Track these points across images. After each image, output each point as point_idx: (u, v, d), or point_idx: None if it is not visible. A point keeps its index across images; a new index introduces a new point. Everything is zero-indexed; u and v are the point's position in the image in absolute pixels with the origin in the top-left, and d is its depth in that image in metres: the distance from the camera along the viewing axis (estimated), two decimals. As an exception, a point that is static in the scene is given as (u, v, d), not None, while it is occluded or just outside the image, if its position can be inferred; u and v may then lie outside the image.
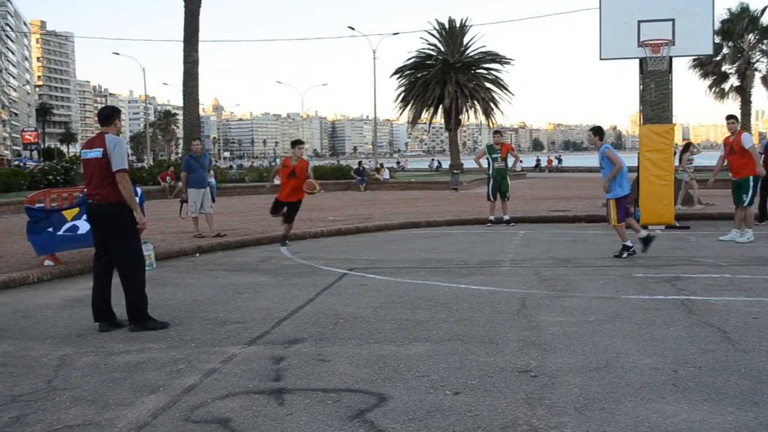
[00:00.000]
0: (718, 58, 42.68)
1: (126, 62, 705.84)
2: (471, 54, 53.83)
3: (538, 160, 70.05)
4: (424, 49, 54.61)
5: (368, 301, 7.68)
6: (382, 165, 40.92)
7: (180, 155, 40.97)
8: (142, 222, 6.72)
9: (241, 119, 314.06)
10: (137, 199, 7.29)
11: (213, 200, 13.96)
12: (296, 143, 12.92)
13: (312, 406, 4.48)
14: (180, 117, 38.17)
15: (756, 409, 4.26)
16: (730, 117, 12.28)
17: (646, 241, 10.56)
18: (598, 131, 11.15)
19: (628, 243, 10.57)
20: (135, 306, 6.65)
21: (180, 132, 42.19)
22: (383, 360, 5.43)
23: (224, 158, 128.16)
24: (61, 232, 9.79)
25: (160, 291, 8.47)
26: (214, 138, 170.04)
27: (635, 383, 4.76)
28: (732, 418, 4.13)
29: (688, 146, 19.68)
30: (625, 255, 10.50)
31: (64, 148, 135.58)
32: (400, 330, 6.36)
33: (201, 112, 33.85)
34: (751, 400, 4.42)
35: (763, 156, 14.68)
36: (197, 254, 11.77)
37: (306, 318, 6.93)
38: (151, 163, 41.52)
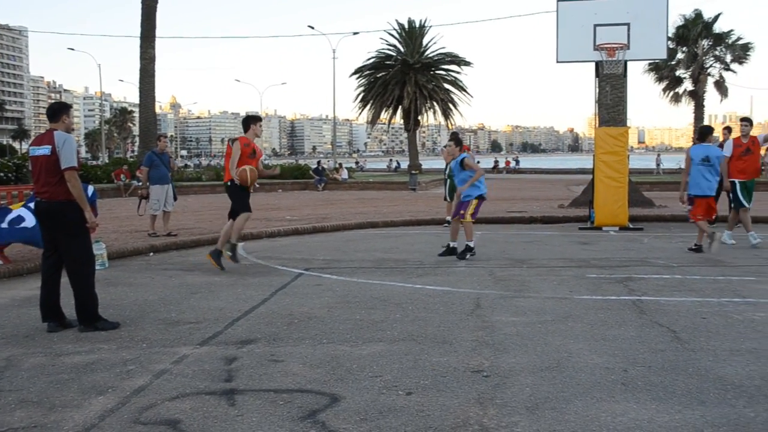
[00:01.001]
0: (672, 63, 43.45)
1: (81, 58, 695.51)
2: (430, 55, 54.02)
3: (496, 162, 70.57)
4: (383, 49, 54.70)
5: (323, 301, 7.65)
6: (340, 165, 40.86)
7: (136, 153, 40.44)
8: (92, 221, 6.60)
9: (199, 117, 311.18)
10: (88, 197, 7.18)
11: (175, 198, 13.79)
12: (256, 119, 10.57)
13: (263, 406, 4.44)
14: (136, 114, 37.66)
15: (702, 407, 4.33)
16: (744, 119, 12.17)
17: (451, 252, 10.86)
18: (458, 141, 11.23)
19: (472, 243, 10.78)
20: (84, 306, 6.53)
21: (136, 130, 41.66)
22: (337, 360, 5.41)
23: (181, 156, 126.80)
24: (4, 224, 9.43)
25: (111, 291, 8.34)
26: (172, 136, 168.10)
27: (586, 383, 4.81)
28: (679, 416, 4.19)
29: None
30: (469, 256, 10.67)
31: (16, 145, 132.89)
32: (355, 330, 6.34)
33: (158, 110, 33.49)
34: (698, 399, 4.48)
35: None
36: (151, 253, 11.62)
37: (260, 318, 6.87)
38: (107, 161, 40.96)
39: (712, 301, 7.44)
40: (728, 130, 15.65)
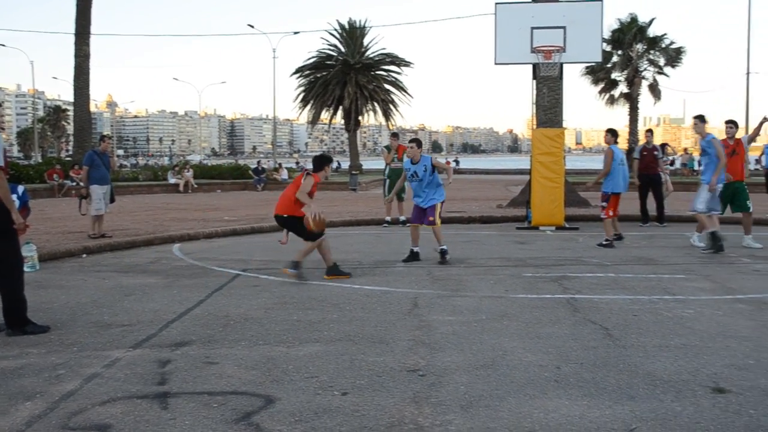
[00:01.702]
0: (608, 66, 44.35)
1: (14, 55, 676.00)
2: (371, 55, 54.06)
3: (436, 162, 70.87)
4: (324, 49, 54.52)
5: (260, 302, 7.59)
6: (280, 165, 40.61)
7: (71, 153, 39.51)
8: (19, 222, 6.41)
9: (136, 116, 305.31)
10: (18, 197, 6.98)
11: (113, 200, 13.52)
12: (330, 161, 9.93)
13: (197, 409, 4.38)
14: (71, 113, 36.89)
15: (632, 402, 4.42)
16: (729, 122, 12.25)
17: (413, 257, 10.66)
18: (419, 143, 10.93)
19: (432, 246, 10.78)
20: (13, 309, 6.34)
21: (71, 128, 40.81)
22: (272, 361, 5.37)
23: (118, 156, 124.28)
24: None
25: (42, 293, 8.13)
26: (108, 135, 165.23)
27: (520, 380, 4.87)
28: (609, 412, 4.27)
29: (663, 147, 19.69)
30: (447, 258, 10.46)
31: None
32: (291, 331, 6.31)
33: (94, 108, 32.81)
34: (628, 394, 4.58)
35: (637, 161, 15.48)
36: (84, 255, 11.36)
37: (195, 320, 6.78)
38: (40, 161, 39.97)
39: (644, 299, 7.61)
40: (650, 132, 16.24)
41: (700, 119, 11.85)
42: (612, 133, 12.68)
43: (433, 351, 5.62)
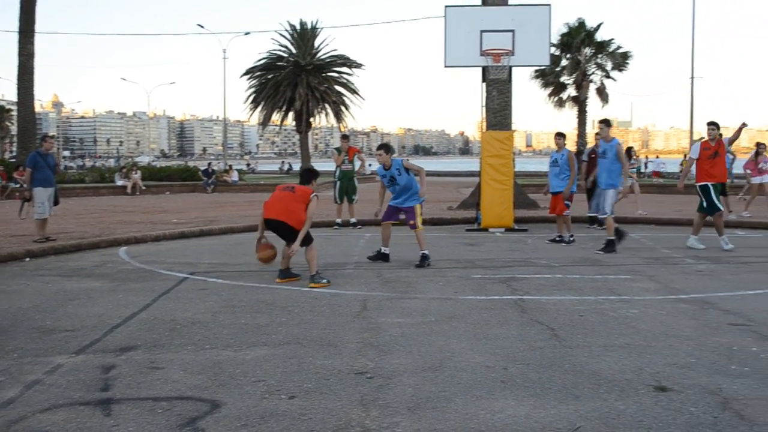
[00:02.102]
0: (557, 70, 44.89)
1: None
2: (322, 57, 53.83)
3: (388, 164, 71.03)
4: (275, 50, 54.07)
5: (208, 305, 7.50)
6: (230, 167, 40.25)
7: (15, 154, 38.67)
8: None
9: (83, 117, 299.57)
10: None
11: (57, 202, 13.22)
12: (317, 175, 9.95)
13: (141, 415, 4.31)
14: (15, 113, 36.07)
15: (577, 402, 4.48)
16: (711, 123, 12.20)
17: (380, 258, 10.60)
18: (388, 148, 10.63)
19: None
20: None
21: (15, 129, 39.93)
22: (219, 366, 5.31)
23: (64, 157, 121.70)
24: None
25: (-18, 298, 7.93)
26: (54, 136, 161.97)
27: (467, 381, 4.90)
28: (554, 411, 4.32)
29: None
30: (426, 264, 10.18)
31: None
32: (239, 335, 6.25)
33: (39, 108, 32.13)
34: (573, 394, 4.64)
35: (586, 163, 15.55)
36: (27, 259, 11.10)
37: (141, 324, 6.68)
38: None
39: (590, 299, 7.72)
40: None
41: (606, 123, 12.13)
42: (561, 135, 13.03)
43: (381, 353, 5.62)
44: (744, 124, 12.33)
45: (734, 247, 11.67)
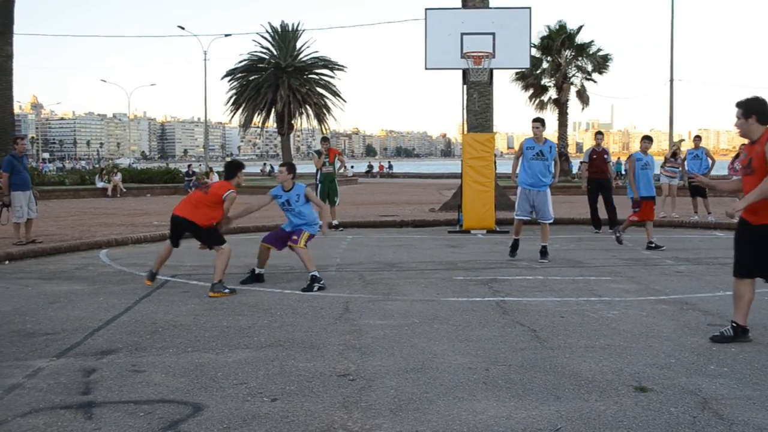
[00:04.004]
0: (538, 72, 45.07)
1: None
2: (303, 59, 53.86)
3: (370, 166, 71.15)
4: (256, 52, 54.05)
5: (189, 308, 7.48)
6: (211, 169, 40.10)
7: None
8: None
9: (62, 118, 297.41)
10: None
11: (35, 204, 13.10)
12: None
13: (122, 419, 4.29)
14: (-7, 115, 35.76)
15: (558, 403, 4.51)
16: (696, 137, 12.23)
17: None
18: (290, 167, 9.29)
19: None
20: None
21: (-7, 131, 39.62)
22: (201, 368, 5.30)
23: (43, 160, 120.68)
24: None
25: (-40, 302, 7.86)
26: (33, 138, 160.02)
27: (449, 383, 4.91)
28: (536, 412, 4.35)
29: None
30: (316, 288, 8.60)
31: None
32: (221, 337, 6.24)
33: (17, 110, 31.81)
34: (554, 394, 4.67)
35: (587, 164, 15.47)
36: (6, 261, 11.01)
37: (122, 327, 6.65)
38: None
39: (571, 301, 7.77)
40: (600, 134, 16.18)
41: (542, 123, 11.94)
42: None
43: (363, 355, 5.63)
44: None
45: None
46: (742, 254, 5.95)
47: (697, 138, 18.26)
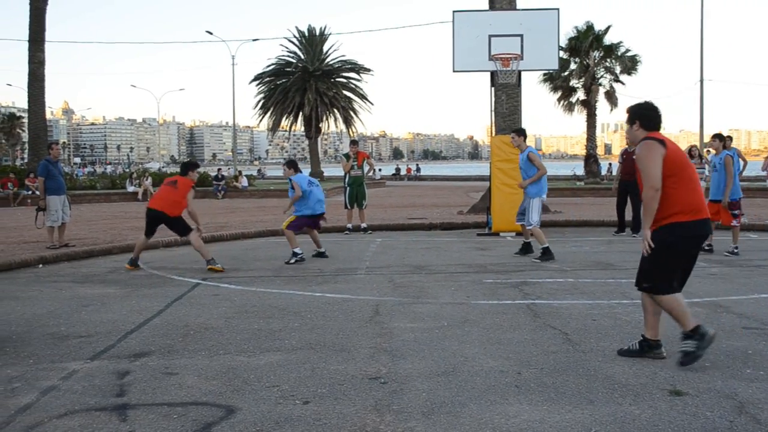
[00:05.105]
0: (566, 74, 44.79)
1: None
2: (331, 62, 54.08)
3: (397, 169, 71.18)
4: (283, 56, 54.38)
5: (220, 311, 7.52)
6: (240, 172, 40.33)
7: (26, 161, 38.83)
8: None
9: (93, 123, 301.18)
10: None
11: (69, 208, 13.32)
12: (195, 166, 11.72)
13: (156, 421, 4.33)
14: (26, 120, 36.32)
15: (591, 406, 4.47)
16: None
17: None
18: (292, 164, 12.01)
19: (297, 250, 11.30)
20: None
21: (26, 136, 40.15)
22: (233, 371, 5.33)
23: (74, 164, 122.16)
24: None
25: (-4, 305, 7.98)
26: (65, 143, 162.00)
27: (480, 386, 4.89)
28: (569, 416, 4.31)
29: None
30: (293, 261, 11.16)
31: None
32: (252, 340, 6.27)
33: (50, 116, 32.32)
34: (587, 398, 4.63)
35: (621, 165, 15.22)
36: (40, 265, 11.16)
37: (154, 330, 6.70)
38: (-6, 169, 39.15)
39: (603, 303, 7.70)
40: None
41: (518, 133, 11.89)
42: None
43: (394, 358, 5.63)
44: None
45: None
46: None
47: (729, 138, 18.01)
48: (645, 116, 5.53)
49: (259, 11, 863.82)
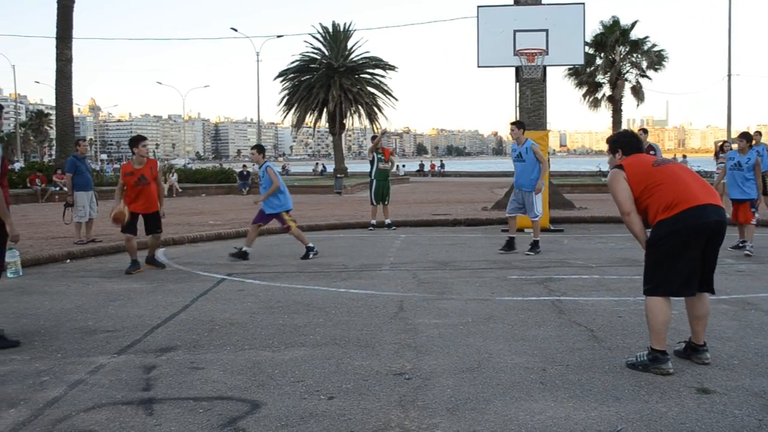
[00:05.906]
0: (591, 69, 44.54)
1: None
2: (355, 59, 54.09)
3: (421, 165, 71.13)
4: (308, 52, 54.48)
5: (246, 306, 7.56)
6: (265, 168, 40.45)
7: (54, 157, 39.28)
8: (14, 233, 6.29)
9: (119, 120, 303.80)
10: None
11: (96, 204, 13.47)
12: (138, 140, 10.90)
13: (182, 415, 4.36)
14: (54, 117, 36.64)
15: (617, 404, 4.44)
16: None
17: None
18: (261, 149, 12.10)
19: (310, 245, 11.39)
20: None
21: (54, 133, 40.53)
22: (258, 366, 5.35)
23: (101, 161, 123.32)
24: None
25: (25, 299, 8.08)
26: (91, 139, 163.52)
27: (505, 383, 4.88)
28: (595, 413, 4.29)
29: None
30: (311, 255, 11.22)
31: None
32: (277, 335, 6.29)
33: (77, 113, 32.65)
34: (613, 395, 4.60)
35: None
36: (68, 260, 11.29)
37: (180, 325, 6.75)
38: (22, 166, 39.69)
39: (629, 300, 7.64)
40: (644, 132, 15.85)
41: (517, 125, 11.88)
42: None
43: (419, 354, 5.63)
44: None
45: None
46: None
47: (758, 134, 17.81)
48: (626, 144, 5.75)
49: (283, 8, 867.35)
